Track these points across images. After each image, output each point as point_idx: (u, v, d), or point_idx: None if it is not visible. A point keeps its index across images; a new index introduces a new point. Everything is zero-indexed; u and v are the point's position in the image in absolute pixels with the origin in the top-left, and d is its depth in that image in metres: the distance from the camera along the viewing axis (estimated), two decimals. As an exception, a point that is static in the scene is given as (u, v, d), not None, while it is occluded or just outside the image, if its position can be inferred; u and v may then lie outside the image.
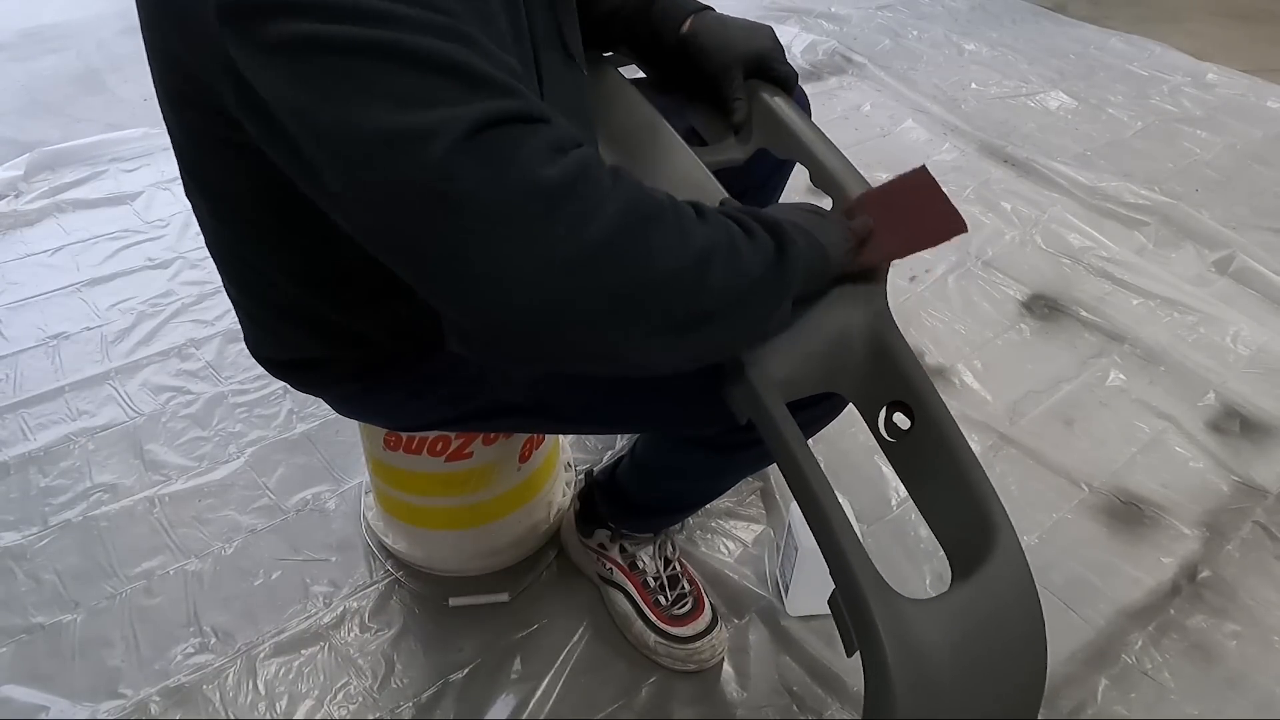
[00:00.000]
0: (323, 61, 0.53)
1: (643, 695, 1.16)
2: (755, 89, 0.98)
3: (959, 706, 0.67)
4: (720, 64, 0.96)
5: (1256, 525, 1.39)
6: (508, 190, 0.52)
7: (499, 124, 0.53)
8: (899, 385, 0.82)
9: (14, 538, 1.34)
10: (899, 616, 0.69)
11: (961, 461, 0.80)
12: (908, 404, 0.82)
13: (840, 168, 0.91)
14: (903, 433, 0.82)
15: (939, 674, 0.67)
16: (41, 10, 3.06)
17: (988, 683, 0.69)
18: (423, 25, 0.53)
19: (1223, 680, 1.19)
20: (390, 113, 0.52)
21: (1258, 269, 1.90)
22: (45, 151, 2.23)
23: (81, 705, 1.13)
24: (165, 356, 1.67)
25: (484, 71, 0.54)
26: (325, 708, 1.14)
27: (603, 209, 0.55)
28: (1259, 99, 2.67)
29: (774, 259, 0.67)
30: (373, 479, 1.30)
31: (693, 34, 0.97)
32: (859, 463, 1.47)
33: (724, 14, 0.99)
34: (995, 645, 0.71)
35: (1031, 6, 3.30)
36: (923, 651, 0.67)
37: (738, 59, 0.96)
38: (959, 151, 2.35)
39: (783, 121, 0.95)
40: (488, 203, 0.52)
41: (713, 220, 0.64)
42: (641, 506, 1.17)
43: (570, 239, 0.54)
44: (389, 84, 0.52)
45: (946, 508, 0.81)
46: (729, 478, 1.14)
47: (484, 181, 0.52)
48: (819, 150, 0.92)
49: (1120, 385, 1.64)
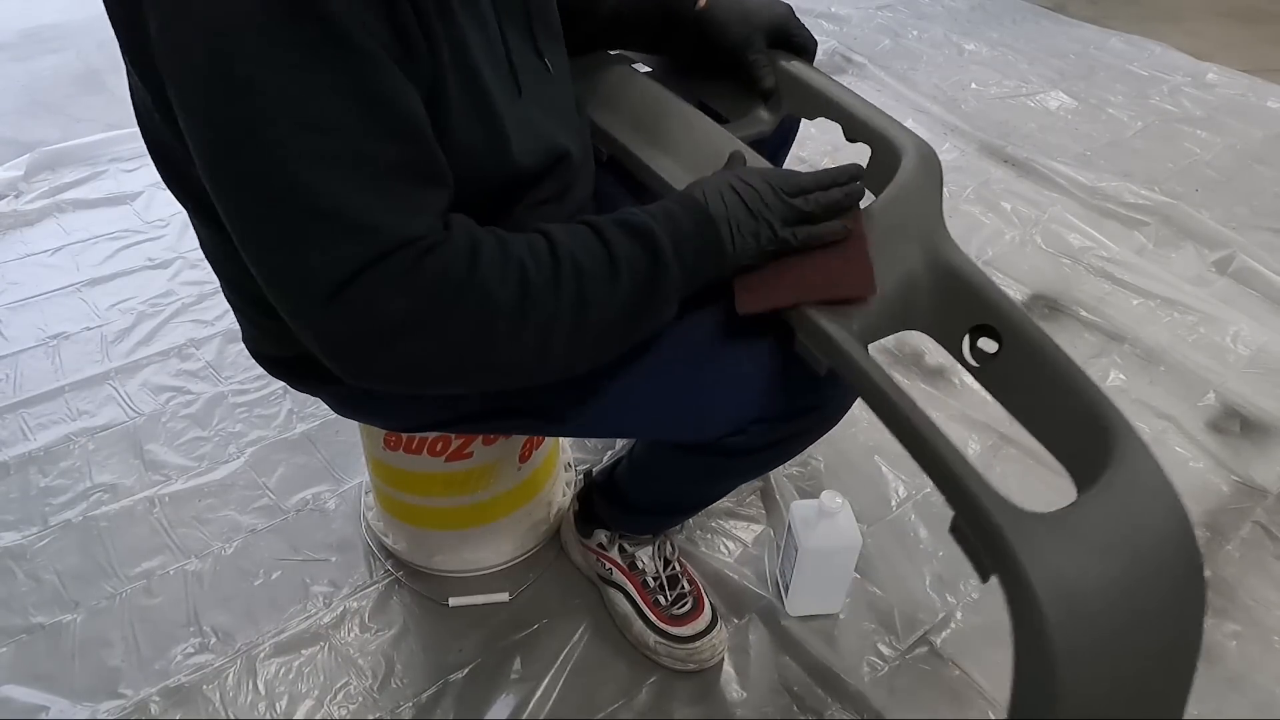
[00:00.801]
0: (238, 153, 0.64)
1: (643, 695, 1.16)
2: (776, 57, 1.00)
3: (1113, 620, 0.62)
4: (741, 35, 0.98)
5: (1256, 525, 1.39)
6: (360, 334, 0.67)
7: (357, 276, 0.65)
8: (979, 310, 0.81)
9: (14, 538, 1.34)
10: (1033, 532, 0.64)
11: (1065, 371, 0.77)
12: (992, 326, 0.80)
13: (877, 117, 0.92)
14: (990, 356, 0.81)
15: (1087, 587, 0.62)
16: (41, 10, 3.06)
17: (1140, 591, 0.64)
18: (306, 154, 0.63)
19: (1223, 680, 1.19)
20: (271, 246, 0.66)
21: (1258, 269, 1.90)
22: (45, 151, 2.23)
23: (81, 705, 1.13)
24: (165, 356, 1.67)
25: (353, 218, 0.64)
26: (325, 708, 1.14)
27: (447, 323, 0.67)
28: (1259, 99, 2.67)
29: (645, 276, 0.73)
30: (373, 479, 1.30)
31: (709, 8, 0.99)
32: (859, 463, 1.47)
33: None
34: (1141, 548, 0.66)
35: (1031, 6, 3.30)
36: (1066, 565, 0.62)
37: (758, 28, 0.98)
38: (959, 151, 2.35)
39: (811, 84, 0.97)
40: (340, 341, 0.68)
41: (565, 273, 0.71)
42: (640, 508, 1.17)
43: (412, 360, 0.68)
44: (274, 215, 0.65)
45: (1057, 420, 0.77)
46: (728, 482, 1.14)
47: (340, 331, 0.67)
48: (853, 105, 0.94)
49: (1120, 385, 1.64)
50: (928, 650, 1.21)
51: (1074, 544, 0.64)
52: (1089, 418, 0.74)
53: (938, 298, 0.82)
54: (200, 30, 0.60)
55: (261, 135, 0.62)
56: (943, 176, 0.89)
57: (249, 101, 0.61)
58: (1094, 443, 0.72)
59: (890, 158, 0.90)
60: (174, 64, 0.63)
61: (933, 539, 1.36)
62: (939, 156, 0.92)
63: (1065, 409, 0.76)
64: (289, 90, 0.62)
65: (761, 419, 0.87)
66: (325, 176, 0.63)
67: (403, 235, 0.66)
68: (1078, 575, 0.62)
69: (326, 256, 0.64)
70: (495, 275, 0.68)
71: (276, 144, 0.62)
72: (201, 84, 0.62)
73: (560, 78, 0.89)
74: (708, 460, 0.99)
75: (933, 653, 1.21)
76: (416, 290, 0.66)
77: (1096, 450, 0.72)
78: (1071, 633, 0.60)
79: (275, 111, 0.62)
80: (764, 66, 0.99)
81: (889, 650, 1.21)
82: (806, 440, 1.00)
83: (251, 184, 0.64)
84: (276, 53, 0.61)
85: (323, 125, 0.63)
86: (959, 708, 1.15)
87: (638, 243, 0.73)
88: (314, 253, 0.64)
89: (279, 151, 0.62)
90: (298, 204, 0.63)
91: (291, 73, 0.61)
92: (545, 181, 0.85)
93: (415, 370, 0.70)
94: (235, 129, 0.63)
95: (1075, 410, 0.75)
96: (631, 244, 0.73)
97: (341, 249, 0.64)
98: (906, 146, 0.89)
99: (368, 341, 0.67)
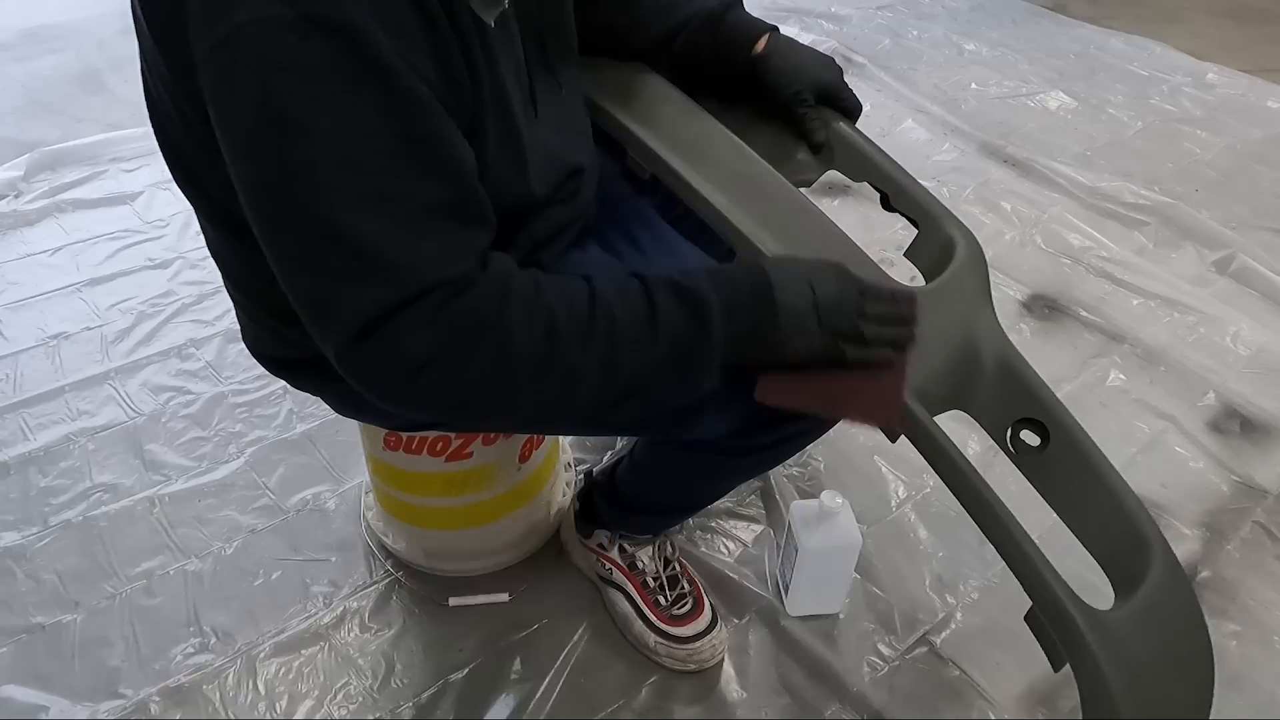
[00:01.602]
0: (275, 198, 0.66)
1: (643, 695, 1.16)
2: (825, 114, 1.01)
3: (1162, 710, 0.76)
4: (795, 87, 0.99)
5: (1256, 525, 1.39)
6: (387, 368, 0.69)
7: (389, 316, 0.66)
8: (1027, 402, 0.85)
9: (14, 538, 1.34)
10: (1104, 632, 0.74)
11: (1106, 478, 0.83)
12: (1039, 420, 0.84)
13: (924, 195, 0.96)
14: (1032, 449, 0.85)
15: (1144, 683, 0.75)
16: (41, 10, 3.06)
17: (1179, 688, 0.79)
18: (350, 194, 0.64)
19: (1223, 680, 1.17)
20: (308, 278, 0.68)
21: (1258, 269, 1.90)
22: (45, 151, 2.23)
23: (81, 705, 1.13)
24: (165, 356, 1.67)
25: (391, 260, 0.65)
26: (325, 708, 1.14)
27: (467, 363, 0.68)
28: (1259, 99, 2.67)
29: (686, 345, 0.73)
30: (373, 479, 1.30)
31: (766, 55, 1.00)
32: (859, 463, 1.47)
33: (792, 38, 1.02)
34: (1180, 654, 0.79)
35: (1031, 6, 3.29)
36: (1129, 664, 0.74)
37: (811, 85, 1.00)
38: (959, 151, 2.35)
39: (860, 146, 1.00)
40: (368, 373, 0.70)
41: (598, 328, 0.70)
42: (640, 508, 1.17)
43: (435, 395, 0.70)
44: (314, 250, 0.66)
45: (1096, 524, 0.83)
46: (729, 481, 1.14)
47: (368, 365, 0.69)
48: (901, 178, 0.97)
49: (1120, 385, 1.64)
50: (928, 650, 1.21)
51: (1132, 646, 0.75)
52: (1128, 530, 0.82)
53: (987, 385, 0.85)
54: (252, 67, 0.61)
55: (305, 174, 0.63)
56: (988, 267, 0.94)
57: (298, 141, 0.63)
58: (1132, 551, 0.81)
59: (936, 235, 0.94)
60: (221, 94, 0.64)
61: (932, 539, 1.36)
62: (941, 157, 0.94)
63: (1104, 513, 0.83)
64: (338, 132, 0.63)
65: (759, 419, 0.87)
66: (367, 218, 0.64)
67: (436, 278, 0.67)
68: (1138, 672, 0.74)
69: (361, 295, 0.66)
70: (521, 321, 0.69)
71: (319, 183, 0.63)
72: (250, 118, 0.63)
73: (571, 94, 0.90)
74: (708, 459, 0.99)
75: (933, 653, 1.21)
76: (441, 331, 0.67)
77: (1134, 559, 0.81)
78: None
79: (323, 152, 0.63)
80: (815, 120, 1.00)
81: (889, 650, 1.21)
82: (806, 439, 1.00)
83: (294, 219, 0.66)
84: (328, 95, 0.62)
85: (367, 166, 0.64)
86: (959, 708, 1.15)
87: (686, 309, 0.72)
88: (349, 289, 0.66)
89: (321, 190, 0.64)
90: (338, 242, 0.65)
91: (342, 115, 0.63)
92: (556, 195, 0.87)
93: (439, 404, 0.71)
94: (281, 166, 0.64)
95: (1114, 516, 0.83)
96: (680, 310, 0.72)
97: (376, 290, 0.66)
98: (956, 232, 0.93)
99: (394, 376, 0.69)
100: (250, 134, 0.64)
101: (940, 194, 0.99)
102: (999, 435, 0.86)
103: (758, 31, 1.00)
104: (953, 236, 0.93)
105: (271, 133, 0.63)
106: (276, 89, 0.61)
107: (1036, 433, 0.85)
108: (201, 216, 0.85)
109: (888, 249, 1.78)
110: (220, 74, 0.63)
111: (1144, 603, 0.78)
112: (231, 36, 0.61)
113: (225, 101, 0.64)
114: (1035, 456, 0.85)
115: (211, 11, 0.61)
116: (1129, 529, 0.82)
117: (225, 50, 0.61)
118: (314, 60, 0.61)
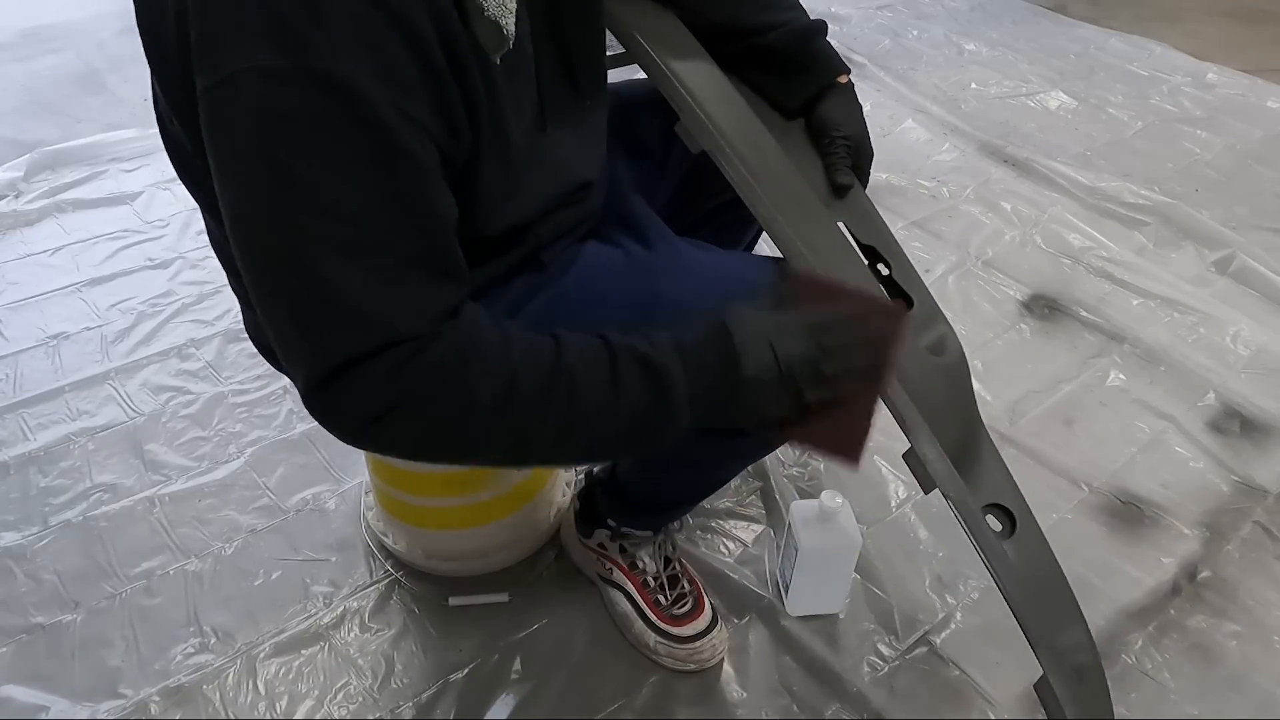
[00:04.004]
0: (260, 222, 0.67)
1: (643, 695, 1.16)
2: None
3: None
4: (845, 132, 1.02)
5: (1256, 525, 1.39)
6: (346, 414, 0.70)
7: (349, 367, 0.67)
8: (995, 490, 0.91)
9: (14, 538, 1.34)
10: None
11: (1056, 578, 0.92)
12: (1005, 508, 0.90)
13: (920, 282, 0.99)
14: (998, 534, 0.90)
15: None
16: (41, 10, 3.06)
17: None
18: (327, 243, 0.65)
19: (1223, 680, 1.19)
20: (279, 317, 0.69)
21: (1258, 269, 1.90)
22: (45, 151, 2.23)
23: (81, 705, 1.13)
24: (165, 356, 1.67)
25: (359, 311, 0.66)
26: (325, 708, 1.14)
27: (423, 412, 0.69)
28: (1259, 99, 2.67)
29: (647, 411, 0.73)
30: (373, 479, 1.30)
31: (841, 91, 1.04)
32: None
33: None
34: None
35: (1031, 6, 3.29)
36: None
37: (858, 140, 1.03)
38: (959, 151, 2.35)
39: (875, 216, 1.02)
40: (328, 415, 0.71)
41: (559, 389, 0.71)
42: (643, 501, 1.17)
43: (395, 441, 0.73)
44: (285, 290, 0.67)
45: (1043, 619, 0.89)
46: (731, 465, 1.14)
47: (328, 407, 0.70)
48: (900, 253, 1.00)
49: (1120, 385, 1.64)
50: (928, 650, 1.21)
51: None
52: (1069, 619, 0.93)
53: (965, 470, 0.89)
54: (247, 111, 0.62)
55: (288, 219, 0.64)
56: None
57: (284, 186, 0.64)
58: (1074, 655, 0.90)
59: (931, 322, 0.97)
60: (216, 130, 0.65)
61: (932, 539, 1.36)
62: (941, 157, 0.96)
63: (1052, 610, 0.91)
64: (325, 182, 0.64)
65: None
66: (343, 268, 0.65)
67: (403, 331, 0.68)
68: None
69: (329, 342, 0.67)
70: (481, 379, 0.70)
71: (300, 228, 0.64)
72: (240, 158, 0.64)
73: (589, 106, 0.90)
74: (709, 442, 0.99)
75: (933, 653, 1.21)
76: (403, 384, 0.68)
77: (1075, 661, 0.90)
78: None
79: (307, 200, 0.64)
80: (847, 165, 1.01)
81: (889, 650, 1.21)
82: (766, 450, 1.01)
83: (273, 260, 0.66)
84: (319, 147, 0.63)
85: (350, 219, 0.65)
86: (959, 708, 1.15)
87: (650, 382, 0.72)
88: (318, 335, 0.68)
89: (301, 235, 0.65)
90: (311, 288, 0.66)
91: (331, 166, 0.64)
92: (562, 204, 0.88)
93: (400, 448, 0.75)
94: (266, 207, 0.65)
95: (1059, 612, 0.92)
96: (643, 381, 0.72)
97: (343, 339, 0.67)
98: (948, 330, 0.98)
99: (355, 420, 0.70)
100: (238, 174, 0.65)
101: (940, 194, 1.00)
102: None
103: (839, 67, 1.04)
104: (946, 335, 0.98)
105: (260, 175, 0.64)
106: (268, 135, 0.63)
107: (1004, 520, 0.91)
108: (203, 209, 0.86)
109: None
110: (215, 112, 0.64)
111: None
112: (228, 80, 0.62)
113: (219, 138, 0.65)
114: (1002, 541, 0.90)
115: (211, 53, 0.63)
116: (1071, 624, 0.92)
117: (221, 90, 0.63)
118: (307, 112, 0.62)
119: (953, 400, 0.93)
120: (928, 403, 0.86)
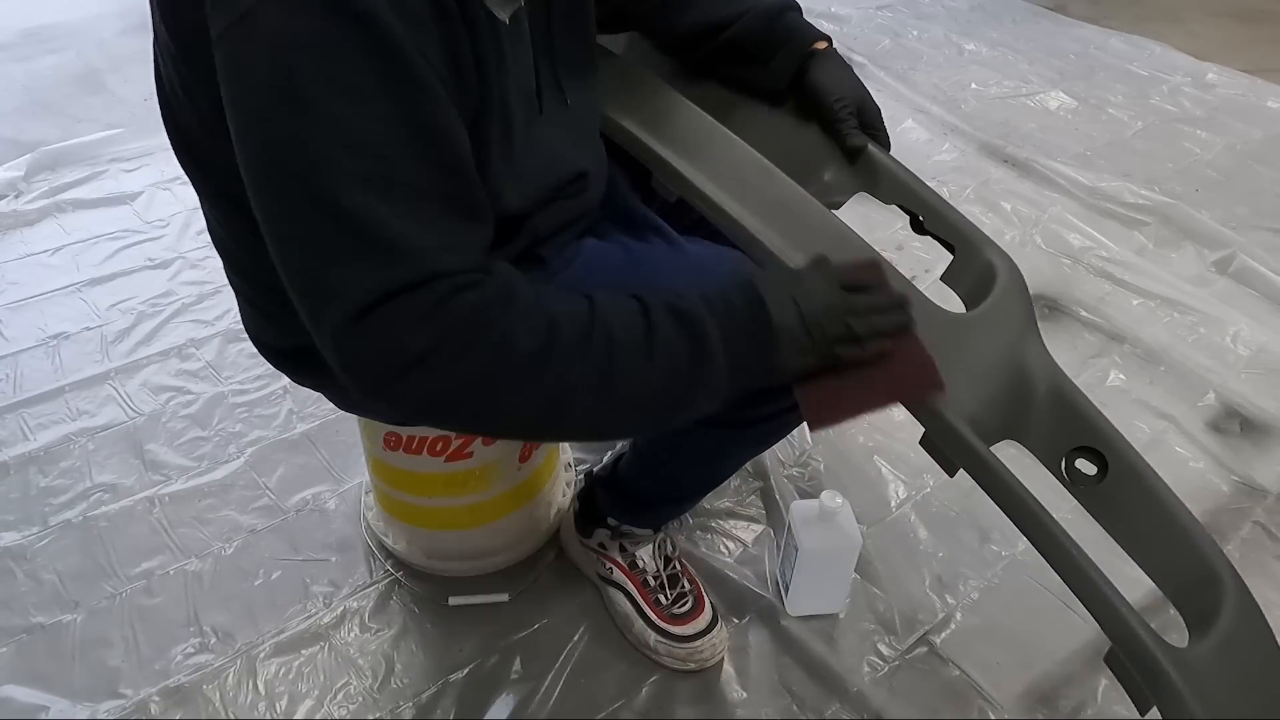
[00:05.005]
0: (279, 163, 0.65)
1: (643, 695, 1.16)
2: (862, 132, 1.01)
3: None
4: (839, 95, 1.00)
5: (1256, 525, 1.39)
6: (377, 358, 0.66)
7: (384, 301, 0.64)
8: (1082, 430, 0.83)
9: (14, 538, 1.34)
10: (1186, 667, 0.72)
11: (1170, 509, 0.81)
12: (1096, 449, 0.82)
13: (958, 217, 0.95)
14: (1089, 479, 0.83)
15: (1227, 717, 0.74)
16: (41, 10, 3.06)
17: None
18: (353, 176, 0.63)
19: (1223, 680, 1.19)
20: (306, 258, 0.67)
21: (1258, 269, 1.90)
22: (45, 151, 2.23)
23: (81, 705, 1.13)
24: (165, 356, 1.67)
25: (389, 243, 0.64)
26: (325, 708, 1.14)
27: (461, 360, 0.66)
28: (1259, 99, 2.67)
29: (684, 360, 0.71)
30: (373, 479, 1.30)
31: (820, 60, 1.02)
32: (859, 463, 1.47)
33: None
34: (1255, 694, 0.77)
35: (1031, 6, 3.29)
36: (1215, 702, 0.73)
37: (855, 99, 1.01)
38: (959, 151, 2.35)
39: (893, 168, 0.98)
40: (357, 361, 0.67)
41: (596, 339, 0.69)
42: (644, 497, 1.17)
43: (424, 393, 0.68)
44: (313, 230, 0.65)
45: (1162, 558, 0.82)
46: (732, 460, 1.13)
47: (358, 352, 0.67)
48: (931, 198, 0.96)
49: (1120, 385, 1.64)
50: (928, 650, 1.21)
51: (1216, 684, 0.74)
52: (1195, 558, 0.80)
53: (1040, 413, 0.83)
54: (267, 45, 0.62)
55: (313, 153, 0.63)
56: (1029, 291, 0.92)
57: (306, 119, 0.63)
58: (1203, 585, 0.80)
59: (975, 260, 0.92)
60: (234, 70, 0.64)
61: (932, 539, 1.36)
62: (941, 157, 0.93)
63: (1171, 546, 0.81)
64: (348, 113, 0.63)
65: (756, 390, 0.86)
66: (368, 199, 0.64)
67: (435, 268, 0.66)
68: (1224, 710, 0.73)
69: (357, 277, 0.65)
70: (522, 324, 0.68)
71: (326, 162, 0.63)
72: (261, 95, 0.64)
73: (581, 98, 0.90)
74: (712, 434, 0.98)
75: (933, 653, 1.21)
76: (439, 325, 0.66)
77: (1206, 594, 0.79)
78: None
79: (330, 132, 0.63)
80: (853, 127, 1.00)
81: (889, 650, 1.21)
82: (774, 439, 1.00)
83: (295, 197, 0.65)
84: (339, 76, 0.63)
85: (373, 150, 0.64)
86: (959, 708, 1.15)
87: (683, 328, 0.72)
88: (346, 271, 0.65)
89: (327, 169, 0.63)
90: (338, 222, 0.64)
91: (353, 97, 0.63)
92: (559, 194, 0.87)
93: (426, 402, 0.69)
94: (289, 143, 0.64)
95: (1181, 549, 0.81)
96: (676, 328, 0.72)
97: (373, 272, 0.65)
98: (995, 258, 0.91)
99: (384, 366, 0.67)
100: (260, 110, 0.64)
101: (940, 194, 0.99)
102: (1054, 465, 0.85)
103: (815, 35, 1.03)
104: (993, 262, 0.91)
105: (281, 110, 0.63)
106: (290, 67, 0.62)
107: (1093, 462, 0.83)
108: (204, 199, 0.85)
109: (888, 248, 1.78)
110: (235, 50, 0.63)
111: (1222, 639, 0.77)
112: (249, 14, 0.62)
113: (238, 77, 0.64)
114: (1093, 487, 0.83)
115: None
116: (1198, 562, 0.80)
117: (242, 27, 0.62)
118: (329, 42, 0.62)
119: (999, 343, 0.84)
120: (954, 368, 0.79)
